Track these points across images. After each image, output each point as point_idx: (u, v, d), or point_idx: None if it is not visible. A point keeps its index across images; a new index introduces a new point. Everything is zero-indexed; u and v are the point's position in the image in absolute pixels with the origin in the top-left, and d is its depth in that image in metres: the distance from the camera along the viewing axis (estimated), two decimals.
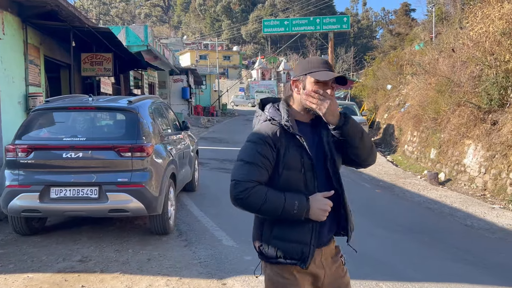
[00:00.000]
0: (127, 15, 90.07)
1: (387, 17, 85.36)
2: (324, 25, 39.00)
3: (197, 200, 7.31)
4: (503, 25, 9.63)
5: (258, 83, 65.55)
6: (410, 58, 18.79)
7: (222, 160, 11.90)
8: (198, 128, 23.18)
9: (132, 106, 5.26)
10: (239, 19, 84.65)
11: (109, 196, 4.85)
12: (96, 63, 12.33)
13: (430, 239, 5.99)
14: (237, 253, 4.95)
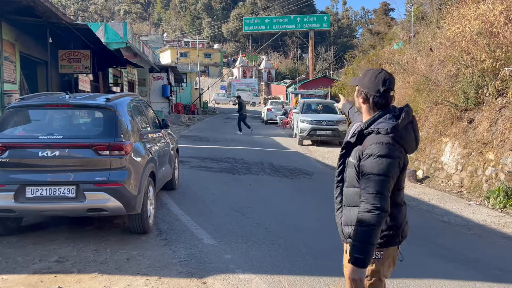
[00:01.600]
0: (106, 12, 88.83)
1: (366, 16, 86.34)
2: (305, 24, 39.26)
3: (177, 199, 7.26)
4: (479, 25, 9.82)
5: (239, 81, 65.56)
6: (389, 57, 19.02)
7: (203, 158, 11.85)
8: (179, 126, 23.04)
9: (110, 103, 5.18)
10: (220, 17, 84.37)
11: (86, 195, 4.77)
12: (74, 60, 12.15)
13: (408, 236, 6.07)
14: (218, 251, 4.93)
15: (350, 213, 2.46)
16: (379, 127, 2.33)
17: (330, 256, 4.97)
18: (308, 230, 5.99)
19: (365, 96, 2.43)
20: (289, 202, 7.79)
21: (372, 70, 2.48)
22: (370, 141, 2.31)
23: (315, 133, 16.03)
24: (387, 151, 2.26)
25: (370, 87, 2.40)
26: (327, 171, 11.33)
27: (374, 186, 2.24)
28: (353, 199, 2.44)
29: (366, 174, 2.28)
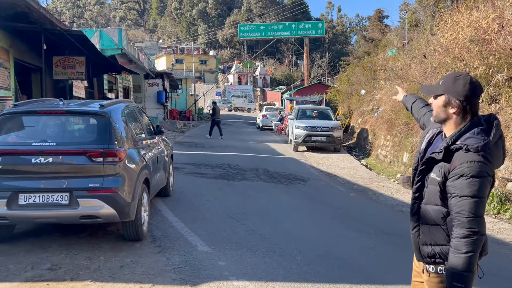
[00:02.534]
0: (101, 18, 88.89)
1: (361, 23, 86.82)
2: (300, 31, 39.48)
3: (172, 206, 7.24)
4: (471, 32, 9.91)
5: (234, 87, 65.65)
6: (383, 64, 19.12)
7: (198, 164, 11.83)
8: (174, 132, 23.00)
9: (104, 110, 5.17)
10: (215, 24, 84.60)
11: (80, 202, 4.74)
12: (68, 67, 12.13)
13: (403, 242, 6.07)
14: (212, 258, 4.91)
15: (428, 231, 2.30)
16: (468, 143, 2.12)
17: (325, 263, 4.96)
18: (302, 237, 5.98)
19: (460, 105, 2.19)
20: (284, 208, 7.78)
21: (461, 75, 2.23)
22: (460, 160, 2.12)
23: (310, 139, 16.06)
24: (480, 172, 2.08)
25: (466, 95, 2.17)
26: (321, 178, 11.34)
27: (469, 210, 2.07)
28: (433, 218, 2.28)
29: (458, 196, 2.11)
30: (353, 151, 17.31)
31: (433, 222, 2.28)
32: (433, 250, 2.29)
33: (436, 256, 2.28)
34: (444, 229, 2.24)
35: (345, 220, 7.14)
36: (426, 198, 2.30)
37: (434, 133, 2.41)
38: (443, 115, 2.25)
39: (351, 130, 20.71)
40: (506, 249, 5.87)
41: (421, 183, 2.32)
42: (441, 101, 2.24)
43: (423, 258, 2.35)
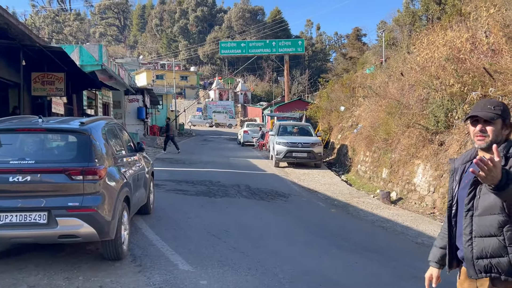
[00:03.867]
0: (81, 34, 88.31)
1: (339, 41, 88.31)
2: (280, 48, 39.96)
3: (152, 223, 7.15)
4: (447, 51, 10.21)
5: (215, 103, 65.75)
6: (361, 81, 19.49)
7: (179, 181, 11.75)
8: (154, 148, 22.83)
9: (84, 127, 5.12)
10: (196, 40, 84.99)
11: (58, 221, 4.65)
12: (47, 83, 11.98)
13: (383, 258, 6.14)
14: (193, 277, 4.87)
15: (484, 244, 2.28)
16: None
17: (307, 280, 4.97)
18: (284, 254, 5.98)
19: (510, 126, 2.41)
20: (265, 225, 7.78)
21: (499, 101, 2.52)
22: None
23: (291, 155, 16.16)
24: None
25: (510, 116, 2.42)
26: (303, 194, 11.39)
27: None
28: (489, 228, 2.27)
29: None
30: (333, 166, 17.46)
31: (487, 233, 2.27)
32: (489, 263, 2.26)
33: (493, 270, 2.26)
34: (501, 240, 2.23)
35: (327, 237, 7.17)
36: (480, 209, 2.30)
37: (464, 166, 2.52)
38: (500, 137, 2.37)
39: (331, 146, 20.92)
40: None
41: (473, 194, 2.34)
42: (499, 124, 2.37)
43: (477, 273, 2.32)
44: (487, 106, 2.39)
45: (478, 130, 2.38)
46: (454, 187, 2.51)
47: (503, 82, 8.65)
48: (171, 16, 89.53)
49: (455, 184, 2.52)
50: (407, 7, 35.41)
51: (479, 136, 2.38)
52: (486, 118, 2.35)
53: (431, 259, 2.65)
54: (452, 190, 2.52)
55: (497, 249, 2.24)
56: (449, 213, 2.53)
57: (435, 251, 2.67)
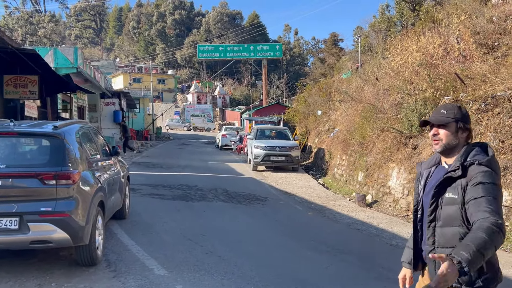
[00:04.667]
0: (56, 36, 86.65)
1: (317, 46, 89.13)
2: (258, 52, 40.12)
3: (128, 228, 7.08)
4: (420, 57, 10.46)
5: (193, 107, 65.44)
6: (338, 86, 19.73)
7: (155, 185, 11.65)
8: (131, 152, 22.58)
9: (58, 131, 5.05)
10: (174, 44, 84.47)
11: (30, 226, 4.57)
12: (20, 86, 11.73)
13: (358, 260, 6.23)
14: (169, 282, 4.84)
15: None
16: (477, 158, 2.30)
17: (283, 283, 5.00)
18: (261, 258, 6.00)
19: (469, 129, 2.43)
20: (242, 228, 7.79)
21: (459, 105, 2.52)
22: (475, 171, 2.24)
23: (269, 159, 16.21)
24: (494, 180, 2.23)
25: (469, 121, 2.44)
26: (280, 197, 11.45)
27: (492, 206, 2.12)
28: (450, 240, 2.29)
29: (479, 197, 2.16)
30: (311, 170, 17.60)
31: (449, 244, 2.30)
32: None
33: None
34: None
35: (303, 240, 7.23)
36: (442, 221, 2.33)
37: (429, 171, 2.55)
38: (455, 141, 2.40)
39: (309, 149, 21.09)
40: None
41: (435, 205, 2.36)
42: (453, 128, 2.40)
43: None
44: (440, 111, 2.45)
45: (431, 134, 2.45)
46: (419, 192, 2.55)
47: (474, 87, 8.90)
48: (149, 19, 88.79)
49: (420, 189, 2.55)
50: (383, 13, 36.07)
51: (434, 140, 2.44)
52: (436, 122, 2.42)
53: (404, 260, 2.68)
54: (418, 195, 2.56)
55: None
56: (415, 218, 2.57)
57: (408, 252, 2.68)
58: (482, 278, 2.22)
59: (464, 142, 2.41)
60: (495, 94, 8.42)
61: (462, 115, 2.41)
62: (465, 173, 2.28)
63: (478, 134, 8.32)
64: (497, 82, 8.29)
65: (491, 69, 8.74)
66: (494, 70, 8.71)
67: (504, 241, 2.15)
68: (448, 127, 2.40)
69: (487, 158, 2.29)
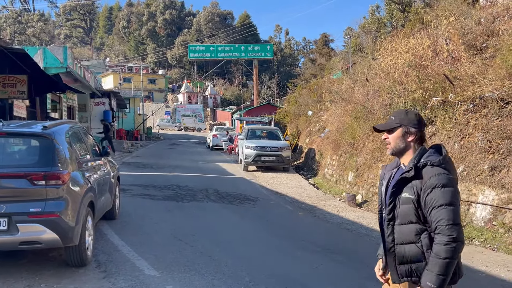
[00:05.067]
0: (45, 35, 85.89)
1: (308, 46, 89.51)
2: (249, 53, 40.13)
3: (118, 229, 7.05)
4: (409, 58, 10.55)
5: (184, 107, 65.29)
6: (328, 86, 19.81)
7: (146, 186, 11.61)
8: (121, 152, 22.45)
9: (47, 131, 5.02)
10: (164, 43, 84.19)
11: (19, 227, 4.54)
12: (9, 85, 11.63)
13: (348, 259, 6.27)
14: (159, 282, 4.84)
15: (404, 250, 2.44)
16: (430, 159, 2.40)
17: (274, 283, 5.02)
18: (252, 258, 6.02)
19: (416, 133, 2.52)
20: (233, 229, 7.80)
21: (408, 109, 2.63)
22: (429, 174, 2.36)
23: (260, 159, 16.23)
24: (449, 181, 2.33)
25: (419, 124, 2.54)
26: (271, 197, 11.47)
27: (448, 217, 2.27)
28: (408, 236, 2.42)
29: (436, 207, 2.30)
30: (301, 170, 17.66)
31: (407, 241, 2.43)
32: (410, 267, 2.43)
33: (413, 274, 2.42)
34: (419, 246, 2.39)
35: (294, 239, 7.26)
36: (399, 219, 2.46)
37: (391, 173, 2.65)
38: (402, 145, 2.53)
39: (299, 150, 21.15)
40: None
41: (393, 205, 2.49)
42: (399, 132, 2.53)
43: (399, 278, 2.48)
44: (390, 117, 2.61)
45: (383, 139, 2.62)
46: (383, 193, 2.64)
47: (462, 88, 9.01)
48: (139, 19, 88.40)
49: (383, 190, 2.65)
50: (373, 14, 36.34)
51: (387, 144, 2.60)
52: (383, 128, 2.58)
53: (380, 252, 2.75)
54: (381, 195, 2.65)
55: (416, 255, 2.40)
56: (380, 218, 2.66)
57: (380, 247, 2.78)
58: None
59: (414, 144, 2.52)
60: (483, 95, 8.53)
61: (409, 120, 2.52)
62: (420, 175, 2.40)
63: (466, 135, 8.42)
64: (485, 83, 8.40)
65: (479, 70, 8.85)
66: (482, 71, 8.82)
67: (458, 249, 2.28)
68: (394, 131, 2.54)
69: (439, 158, 2.39)
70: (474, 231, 7.41)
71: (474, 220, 7.56)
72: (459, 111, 8.84)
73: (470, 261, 6.23)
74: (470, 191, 7.82)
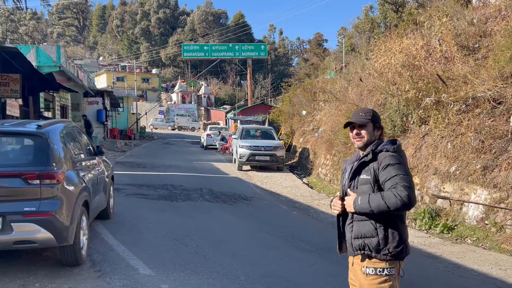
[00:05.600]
0: (37, 34, 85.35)
1: (302, 46, 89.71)
2: (243, 52, 40.11)
3: (112, 228, 7.04)
4: (403, 58, 10.61)
5: (178, 106, 65.19)
6: (322, 86, 19.87)
7: (140, 185, 11.60)
8: (114, 152, 22.37)
9: (42, 131, 5.01)
10: (158, 42, 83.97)
11: (14, 227, 4.52)
12: (1, 84, 11.58)
13: (342, 258, 6.29)
14: (154, 281, 4.84)
15: (359, 226, 2.77)
16: (386, 147, 2.80)
17: (268, 282, 5.04)
18: (246, 257, 6.03)
19: (380, 129, 2.94)
20: (228, 228, 7.82)
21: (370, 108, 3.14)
22: (383, 156, 2.74)
23: (254, 158, 16.25)
24: (401, 160, 2.72)
25: (380, 121, 2.98)
26: (265, 197, 11.50)
27: (403, 181, 2.61)
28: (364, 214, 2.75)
29: (391, 177, 2.65)
30: (295, 170, 17.70)
31: (364, 218, 2.76)
32: (363, 242, 2.74)
33: (366, 248, 2.73)
34: (372, 223, 2.73)
35: (288, 239, 7.28)
36: None
37: (352, 166, 2.94)
38: (373, 138, 2.90)
39: (293, 149, 21.19)
40: (436, 262, 6.25)
41: (353, 185, 2.84)
42: (370, 127, 2.90)
43: (354, 251, 2.81)
44: (359, 114, 2.94)
45: (355, 133, 2.92)
46: (344, 184, 2.96)
47: (455, 88, 9.07)
48: (133, 18, 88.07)
49: (344, 182, 2.97)
50: (367, 14, 36.48)
51: (357, 138, 2.92)
52: (359, 123, 2.90)
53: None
54: (343, 187, 2.96)
55: (369, 230, 2.73)
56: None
57: None
58: (387, 247, 2.69)
59: (378, 138, 2.92)
60: (475, 95, 8.60)
61: (376, 117, 2.94)
62: (376, 158, 2.77)
63: (459, 135, 8.49)
64: (478, 84, 8.47)
65: (472, 71, 8.93)
66: (474, 71, 8.90)
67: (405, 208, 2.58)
68: (367, 127, 2.89)
69: (393, 147, 2.79)
70: (467, 230, 7.49)
71: (467, 219, 7.64)
72: (452, 111, 8.91)
73: (462, 260, 6.30)
74: (462, 190, 7.90)
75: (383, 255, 2.69)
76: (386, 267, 2.70)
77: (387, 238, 2.69)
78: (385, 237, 2.69)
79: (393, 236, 2.70)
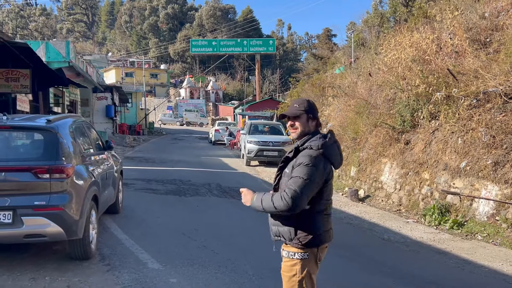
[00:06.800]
0: (47, 30, 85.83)
1: (310, 41, 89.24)
2: (251, 47, 39.98)
3: (121, 223, 7.08)
4: (413, 53, 10.49)
5: (186, 101, 65.28)
6: (331, 81, 19.75)
7: (148, 180, 11.64)
8: (123, 147, 22.49)
9: (51, 125, 5.03)
10: (166, 38, 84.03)
11: (24, 220, 4.56)
12: (12, 79, 11.65)
13: (351, 254, 6.28)
14: (163, 275, 4.86)
15: (273, 215, 2.88)
16: (312, 144, 2.80)
17: (277, 277, 5.03)
18: (254, 252, 6.03)
19: (318, 119, 2.94)
20: (236, 223, 7.82)
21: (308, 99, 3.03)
22: (302, 154, 2.78)
23: (262, 154, 16.24)
24: (314, 161, 2.71)
25: (316, 112, 2.96)
26: None
27: (296, 185, 2.65)
28: None
29: (293, 177, 2.70)
30: None
31: None
32: (277, 229, 2.87)
33: (279, 235, 2.87)
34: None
35: None
36: (280, 189, 2.87)
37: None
38: (308, 129, 2.90)
39: None
40: (446, 258, 6.20)
41: (279, 177, 2.93)
42: (305, 118, 2.90)
43: (273, 236, 2.94)
44: (294, 105, 2.95)
45: (289, 125, 2.94)
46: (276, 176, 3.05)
47: (466, 83, 8.96)
48: (141, 13, 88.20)
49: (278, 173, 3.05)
50: (376, 8, 36.15)
51: (291, 129, 2.94)
52: (292, 115, 2.90)
53: None
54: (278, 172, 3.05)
55: (279, 219, 2.84)
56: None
57: None
58: (297, 236, 2.77)
59: (314, 128, 2.92)
60: (486, 90, 8.49)
61: (310, 107, 2.92)
62: (296, 155, 2.83)
63: (469, 130, 8.40)
64: (489, 78, 8.36)
65: (483, 65, 8.80)
66: (486, 66, 8.77)
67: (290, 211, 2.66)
68: (301, 118, 2.89)
69: (319, 144, 2.78)
70: (477, 226, 7.42)
71: (477, 215, 7.56)
72: (463, 106, 8.81)
73: (473, 256, 6.24)
74: (473, 186, 7.82)
75: (294, 243, 2.78)
76: (298, 251, 2.80)
77: (296, 229, 2.78)
78: (295, 228, 2.78)
79: (303, 228, 2.77)
